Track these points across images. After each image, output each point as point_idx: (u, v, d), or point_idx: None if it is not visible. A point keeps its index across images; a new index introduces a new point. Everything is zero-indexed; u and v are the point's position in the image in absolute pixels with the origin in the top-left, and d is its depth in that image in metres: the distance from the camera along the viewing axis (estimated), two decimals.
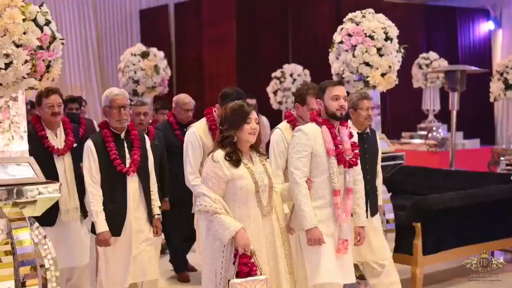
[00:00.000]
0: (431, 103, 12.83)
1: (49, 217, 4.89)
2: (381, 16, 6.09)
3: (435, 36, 14.45)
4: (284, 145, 4.79)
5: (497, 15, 14.89)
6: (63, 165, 5.04)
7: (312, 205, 4.20)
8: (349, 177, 4.34)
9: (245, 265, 3.74)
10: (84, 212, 5.16)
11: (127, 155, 4.76)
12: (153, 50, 9.12)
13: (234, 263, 3.77)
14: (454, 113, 8.77)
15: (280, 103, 11.39)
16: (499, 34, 14.96)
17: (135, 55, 9.03)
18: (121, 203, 4.69)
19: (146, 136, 5.03)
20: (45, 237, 4.18)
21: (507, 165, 9.85)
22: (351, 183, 4.36)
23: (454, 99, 8.66)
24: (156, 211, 4.92)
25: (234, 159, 3.86)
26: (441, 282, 6.58)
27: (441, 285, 6.49)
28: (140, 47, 9.15)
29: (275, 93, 11.44)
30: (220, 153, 3.87)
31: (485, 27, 15.11)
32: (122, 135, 4.80)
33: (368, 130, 5.44)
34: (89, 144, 4.71)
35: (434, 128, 12.14)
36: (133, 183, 4.75)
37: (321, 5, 12.69)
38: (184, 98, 6.59)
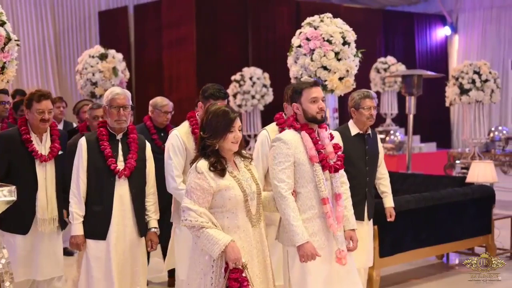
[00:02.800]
0: (388, 107, 13.00)
1: (23, 226, 4.78)
2: (339, 20, 6.15)
3: (393, 41, 14.65)
4: (268, 147, 4.57)
5: (454, 21, 15.16)
6: (45, 172, 4.84)
7: (301, 217, 3.92)
8: (336, 182, 4.06)
9: (235, 281, 3.53)
10: (62, 224, 4.95)
11: (120, 157, 4.50)
12: (112, 52, 9.05)
13: (224, 277, 3.56)
14: (411, 117, 8.88)
15: (239, 106, 11.40)
16: (455, 39, 15.25)
17: (93, 57, 8.94)
18: (107, 206, 4.44)
19: (148, 144, 4.73)
20: None
21: (462, 168, 10.03)
22: (338, 188, 4.07)
23: (411, 103, 8.77)
24: (153, 224, 4.61)
25: (219, 168, 3.63)
26: (398, 284, 6.64)
27: (397, 287, 6.56)
28: (98, 49, 9.06)
29: (234, 96, 11.45)
30: (203, 164, 3.63)
31: (441, 32, 15.38)
32: (119, 136, 4.54)
33: (369, 131, 5.36)
34: (82, 142, 4.49)
35: (392, 132, 12.29)
36: (122, 188, 4.47)
37: (280, 9, 12.75)
38: (162, 101, 6.42)
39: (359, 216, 4.96)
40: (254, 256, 3.73)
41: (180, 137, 4.70)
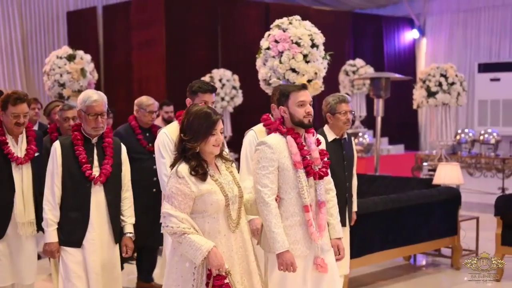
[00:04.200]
0: (357, 109, 13.05)
1: None
2: (307, 23, 6.18)
3: (361, 44, 14.73)
4: None
5: (421, 24, 15.30)
6: (21, 175, 4.75)
7: (283, 224, 3.83)
8: (320, 190, 3.95)
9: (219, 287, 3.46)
10: (39, 227, 4.80)
11: (96, 163, 4.37)
12: (80, 53, 8.96)
13: (207, 285, 3.49)
14: (379, 119, 8.95)
15: None
16: (423, 42, 15.39)
17: (61, 57, 8.84)
18: (83, 213, 4.30)
19: (123, 146, 4.60)
20: None
21: (429, 170, 10.14)
22: (322, 195, 3.97)
23: (379, 106, 8.84)
24: (128, 229, 4.51)
25: (201, 173, 3.54)
26: (366, 285, 6.70)
27: None
28: (66, 50, 8.97)
29: None
30: (184, 168, 3.54)
31: (409, 35, 15.51)
32: (94, 140, 4.40)
33: (345, 136, 5.33)
34: (55, 146, 4.35)
35: (360, 134, 12.37)
36: (98, 194, 4.35)
37: (250, 11, 12.76)
38: (147, 100, 6.36)
39: (341, 223, 4.94)
40: (236, 263, 3.64)
41: (169, 135, 4.67)
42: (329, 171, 4.09)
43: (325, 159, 4.04)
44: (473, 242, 7.70)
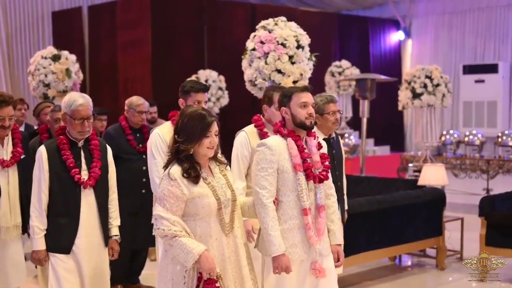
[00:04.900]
0: (343, 110, 13.08)
1: None
2: (293, 24, 6.19)
3: (347, 45, 14.77)
4: (248, 149, 4.60)
5: (407, 26, 15.37)
6: (7, 178, 4.68)
7: (281, 227, 3.79)
8: (320, 193, 3.90)
9: None
10: (25, 229, 4.76)
11: (84, 166, 4.28)
12: (65, 53, 8.92)
13: None
14: (365, 120, 8.97)
15: None
16: (409, 44, 15.46)
17: (45, 58, 8.79)
18: (73, 218, 4.21)
19: (109, 148, 4.51)
20: None
21: (414, 171, 10.18)
22: (322, 199, 3.91)
23: (365, 107, 8.86)
24: (114, 231, 4.43)
25: (193, 175, 3.51)
26: (351, 286, 6.71)
27: None
28: (51, 50, 8.92)
29: None
30: (177, 170, 3.51)
31: (395, 37, 15.58)
32: (80, 144, 4.31)
33: (333, 135, 5.33)
34: (41, 151, 4.22)
35: (346, 135, 12.40)
36: (88, 198, 4.26)
37: (237, 11, 12.76)
38: (137, 100, 6.30)
39: None
40: (228, 267, 3.60)
41: (162, 136, 4.63)
42: (330, 175, 4.02)
43: (326, 163, 3.98)
44: (457, 243, 7.75)
